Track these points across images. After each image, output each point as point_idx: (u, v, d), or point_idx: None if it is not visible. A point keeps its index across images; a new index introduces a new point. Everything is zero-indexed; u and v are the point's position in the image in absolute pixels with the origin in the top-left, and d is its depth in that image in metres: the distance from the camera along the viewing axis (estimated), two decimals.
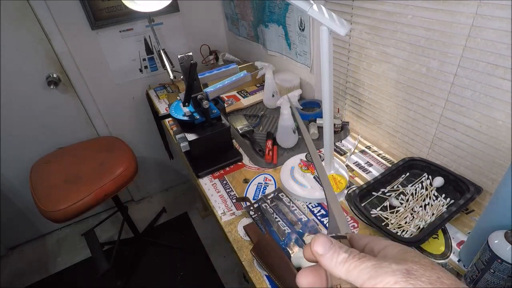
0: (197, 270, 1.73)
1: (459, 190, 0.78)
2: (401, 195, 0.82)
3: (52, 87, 1.58)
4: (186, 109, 1.01)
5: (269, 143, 1.06)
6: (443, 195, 0.78)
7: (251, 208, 0.85)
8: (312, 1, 0.63)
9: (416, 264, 0.21)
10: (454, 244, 0.71)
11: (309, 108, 1.25)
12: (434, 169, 0.84)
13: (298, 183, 0.90)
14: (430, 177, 0.84)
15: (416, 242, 0.67)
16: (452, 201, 0.77)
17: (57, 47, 1.53)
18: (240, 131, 1.16)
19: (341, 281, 0.24)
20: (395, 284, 0.20)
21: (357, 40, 0.97)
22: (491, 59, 0.65)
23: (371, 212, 0.79)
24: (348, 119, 1.17)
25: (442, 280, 0.20)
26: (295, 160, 0.98)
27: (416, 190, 0.82)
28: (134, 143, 1.92)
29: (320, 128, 1.11)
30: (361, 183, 0.90)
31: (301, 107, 1.16)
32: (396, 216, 0.76)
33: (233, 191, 0.94)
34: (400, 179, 0.86)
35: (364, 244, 0.27)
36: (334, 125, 1.07)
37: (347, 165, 0.99)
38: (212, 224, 1.97)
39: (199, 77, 0.98)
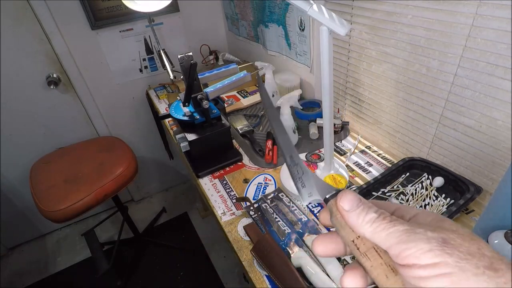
0: (197, 270, 1.73)
1: (459, 190, 0.78)
2: (401, 195, 0.82)
3: (52, 87, 1.58)
4: (186, 109, 1.01)
5: (269, 143, 1.06)
6: (443, 195, 0.78)
7: (251, 208, 0.85)
8: (312, 1, 0.63)
9: (453, 233, 0.20)
10: None
11: (309, 108, 1.25)
12: (434, 169, 0.84)
13: None
14: (430, 177, 0.84)
15: None
16: (452, 201, 0.77)
17: (57, 47, 1.53)
18: (240, 131, 1.16)
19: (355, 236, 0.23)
20: (429, 252, 0.19)
21: (357, 40, 0.97)
22: (491, 59, 0.65)
23: None
24: (348, 119, 1.17)
25: (482, 252, 0.19)
26: None
27: (416, 190, 0.82)
28: (134, 143, 1.92)
29: (320, 128, 1.11)
30: (361, 183, 0.90)
31: (301, 107, 1.16)
32: None
33: (233, 191, 0.94)
34: (400, 179, 0.86)
35: (392, 211, 0.25)
36: (334, 125, 1.07)
37: (347, 165, 0.99)
38: (212, 224, 1.97)
39: (199, 77, 0.98)
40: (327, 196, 0.26)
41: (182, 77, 0.98)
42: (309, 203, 0.87)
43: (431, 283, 0.19)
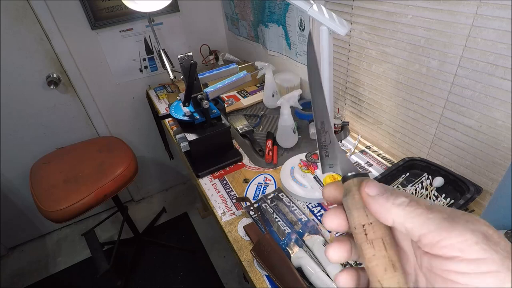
0: (197, 270, 1.73)
1: (459, 190, 0.78)
2: None
3: (52, 87, 1.58)
4: (186, 109, 1.01)
5: (269, 143, 1.06)
6: (443, 195, 0.78)
7: (251, 208, 0.85)
8: (312, 1, 0.63)
9: (489, 229, 0.18)
10: None
11: (309, 108, 1.25)
12: (434, 169, 0.84)
13: (298, 183, 0.90)
14: (430, 177, 0.84)
15: None
16: (452, 201, 0.77)
17: (57, 47, 1.53)
18: (240, 131, 1.16)
19: (365, 220, 0.22)
20: (475, 245, 0.17)
21: (357, 40, 0.97)
22: (491, 59, 0.65)
23: None
24: (348, 119, 1.17)
25: None
26: (295, 160, 0.98)
27: (416, 190, 0.82)
28: (134, 143, 1.92)
29: None
30: None
31: (301, 107, 1.16)
32: None
33: (233, 191, 0.94)
34: (400, 179, 0.86)
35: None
36: (334, 125, 1.07)
37: None
38: (212, 224, 1.97)
39: (199, 77, 0.98)
40: (349, 174, 0.25)
41: (182, 77, 0.98)
42: (309, 203, 0.87)
43: (474, 281, 0.17)
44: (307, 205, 0.86)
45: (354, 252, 0.24)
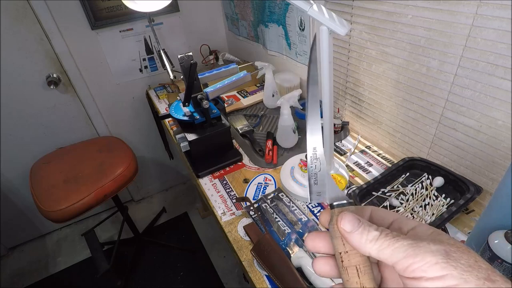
0: (197, 270, 1.73)
1: (459, 190, 0.78)
2: (401, 195, 0.82)
3: (52, 87, 1.58)
4: (186, 109, 1.01)
5: (269, 143, 1.06)
6: (443, 195, 0.78)
7: (251, 208, 0.85)
8: (312, 1, 0.63)
9: (452, 246, 0.21)
10: None
11: None
12: (434, 169, 0.84)
13: (298, 183, 0.90)
14: (430, 177, 0.84)
15: None
16: (452, 201, 0.77)
17: (57, 47, 1.53)
18: (240, 131, 1.16)
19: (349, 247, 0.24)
20: (435, 265, 0.20)
21: (357, 40, 0.97)
22: (491, 59, 0.65)
23: None
24: (348, 119, 1.17)
25: (479, 264, 0.20)
26: (295, 160, 0.98)
27: (416, 190, 0.82)
28: (134, 143, 1.92)
29: None
30: (361, 183, 0.90)
31: (301, 107, 1.16)
32: None
33: (233, 191, 0.94)
34: (400, 179, 0.86)
35: (389, 222, 0.26)
36: (334, 125, 1.07)
37: (347, 165, 0.99)
38: (212, 224, 1.97)
39: (199, 77, 0.98)
40: (334, 203, 0.26)
41: (182, 77, 0.98)
42: (309, 203, 0.87)
43: None
44: (307, 205, 0.86)
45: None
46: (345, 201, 0.26)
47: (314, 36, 0.27)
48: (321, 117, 0.93)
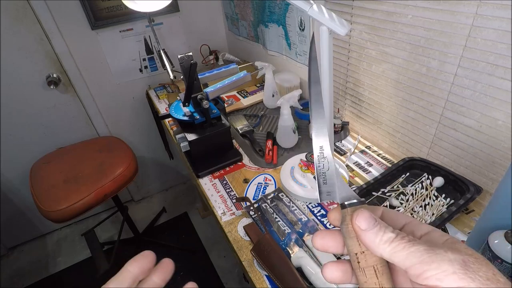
0: (197, 270, 1.73)
1: (459, 190, 0.78)
2: (401, 195, 0.82)
3: (52, 87, 1.58)
4: (186, 109, 1.01)
5: (269, 143, 1.06)
6: (443, 195, 0.78)
7: (251, 208, 0.85)
8: (312, 1, 0.63)
9: (471, 257, 0.19)
10: None
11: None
12: (434, 169, 0.84)
13: (298, 183, 0.90)
14: (430, 177, 0.84)
15: None
16: (452, 201, 0.77)
17: (57, 47, 1.53)
18: (240, 131, 1.16)
19: (363, 248, 0.23)
20: (452, 275, 0.18)
21: (357, 40, 0.97)
22: (491, 59, 0.65)
23: None
24: (348, 119, 1.17)
25: (497, 278, 0.19)
26: (295, 160, 0.98)
27: (416, 190, 0.82)
28: (134, 143, 1.92)
29: None
30: (361, 183, 0.90)
31: (301, 107, 1.16)
32: None
33: (233, 191, 0.94)
34: (400, 179, 0.86)
35: (401, 224, 0.25)
36: (334, 125, 1.07)
37: (347, 165, 0.99)
38: (212, 224, 1.97)
39: (199, 77, 0.98)
40: (346, 203, 0.25)
41: (182, 77, 0.98)
42: (309, 203, 0.87)
43: None
44: (307, 205, 0.86)
45: (354, 275, 0.25)
46: (356, 200, 0.25)
47: (312, 35, 0.27)
48: None
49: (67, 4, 1.46)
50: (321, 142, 0.27)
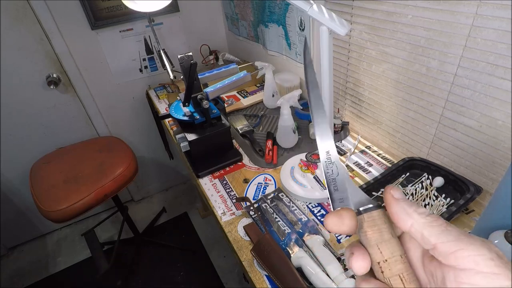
0: (197, 270, 1.73)
1: (459, 190, 0.78)
2: None
3: (52, 87, 1.58)
4: (186, 109, 1.01)
5: (269, 143, 1.06)
6: (443, 195, 0.78)
7: (251, 208, 0.85)
8: (312, 1, 0.63)
9: (500, 252, 0.19)
10: None
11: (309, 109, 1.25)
12: (434, 169, 0.84)
13: (298, 183, 0.90)
14: (430, 177, 0.84)
15: None
16: (452, 201, 0.77)
17: (57, 47, 1.53)
18: (240, 131, 1.16)
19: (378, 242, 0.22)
20: (490, 261, 0.18)
21: (357, 40, 0.97)
22: (491, 59, 0.65)
23: None
24: (348, 119, 1.17)
25: None
26: (295, 160, 0.98)
27: (416, 190, 0.82)
28: (134, 143, 1.92)
29: None
30: (361, 183, 0.90)
31: (301, 107, 1.16)
32: None
33: (233, 191, 0.94)
34: (400, 179, 0.86)
35: None
36: (334, 125, 1.07)
37: (347, 165, 0.99)
38: (212, 224, 1.97)
39: (199, 77, 0.98)
40: (360, 209, 0.23)
41: (182, 77, 0.98)
42: (309, 203, 0.87)
43: None
44: (307, 205, 0.86)
45: None
46: (372, 205, 0.23)
47: (305, 40, 0.26)
48: None
49: (67, 4, 1.46)
50: (327, 146, 0.26)
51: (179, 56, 0.91)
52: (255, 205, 0.86)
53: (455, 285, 0.19)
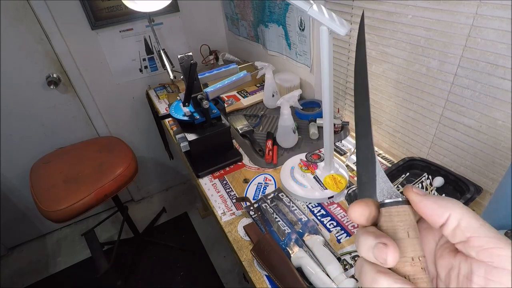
0: (197, 270, 1.73)
1: (459, 190, 0.78)
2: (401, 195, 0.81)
3: (52, 87, 1.58)
4: (186, 109, 1.01)
5: (269, 143, 1.06)
6: (443, 195, 0.78)
7: (251, 208, 0.85)
8: (312, 1, 0.63)
9: None
10: None
11: (309, 108, 1.25)
12: (434, 169, 0.84)
13: (298, 183, 0.90)
14: (430, 177, 0.84)
15: None
16: None
17: (57, 47, 1.53)
18: (240, 131, 1.16)
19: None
20: None
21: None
22: (491, 59, 0.65)
23: None
24: (348, 119, 1.17)
25: None
26: (295, 160, 0.98)
27: None
28: (134, 143, 1.92)
29: (320, 128, 1.11)
30: None
31: (301, 107, 1.16)
32: None
33: (233, 191, 0.94)
34: (400, 179, 0.86)
35: None
36: (334, 125, 1.07)
37: (347, 165, 0.99)
38: (212, 224, 1.97)
39: (199, 77, 0.98)
40: (386, 201, 0.22)
41: (182, 77, 0.98)
42: (309, 203, 0.87)
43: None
44: (307, 205, 0.86)
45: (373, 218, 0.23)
46: (401, 199, 0.22)
47: (362, 14, 0.26)
48: (321, 117, 0.93)
49: (67, 4, 1.46)
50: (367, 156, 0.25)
51: (179, 56, 0.91)
52: (255, 205, 0.86)
53: (483, 281, 0.19)
